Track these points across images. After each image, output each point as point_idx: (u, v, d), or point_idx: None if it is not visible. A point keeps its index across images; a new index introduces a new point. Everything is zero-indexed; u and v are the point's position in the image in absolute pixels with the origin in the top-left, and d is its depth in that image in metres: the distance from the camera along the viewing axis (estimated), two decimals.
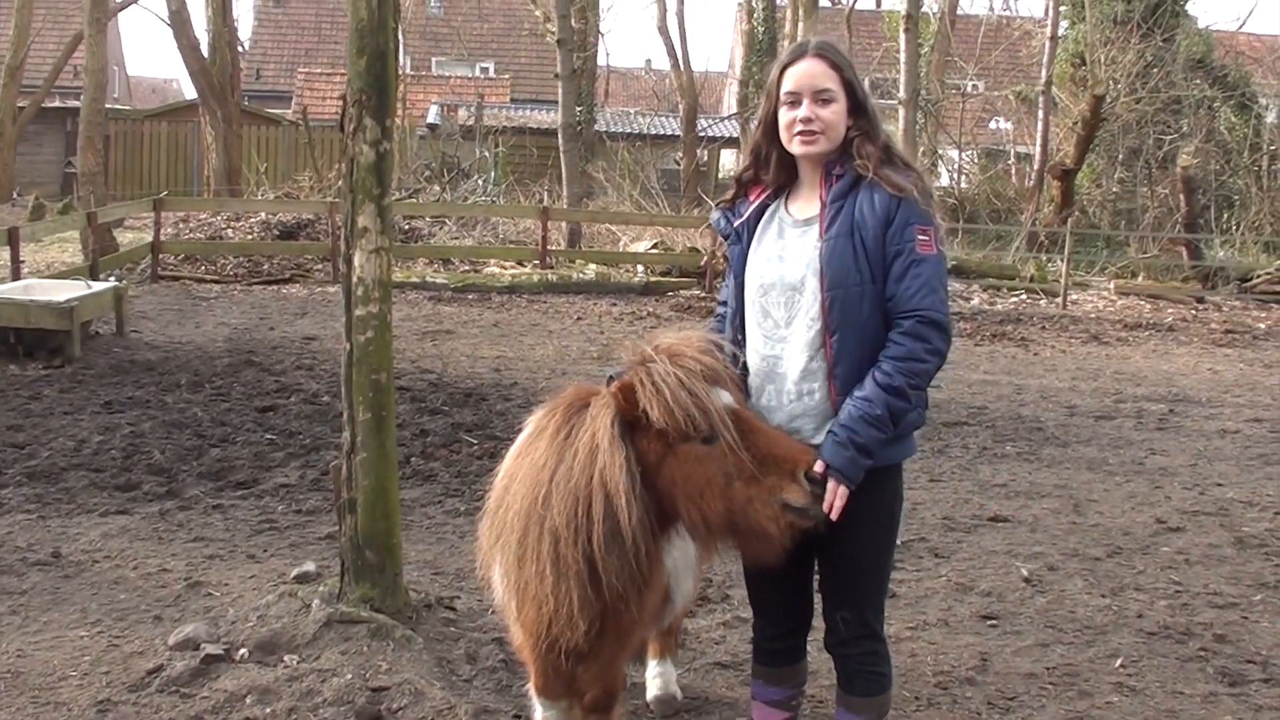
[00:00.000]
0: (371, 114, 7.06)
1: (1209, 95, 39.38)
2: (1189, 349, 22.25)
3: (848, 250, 4.92)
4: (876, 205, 4.93)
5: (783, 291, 5.06)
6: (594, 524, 4.79)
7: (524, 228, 31.17)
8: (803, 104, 5.00)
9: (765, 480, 4.70)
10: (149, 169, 46.49)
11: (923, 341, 4.89)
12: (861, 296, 4.92)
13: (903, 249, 4.90)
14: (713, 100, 63.02)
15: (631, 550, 4.79)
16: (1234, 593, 8.97)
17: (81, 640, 7.34)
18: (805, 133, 5.00)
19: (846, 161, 5.04)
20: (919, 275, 4.90)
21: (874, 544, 5.20)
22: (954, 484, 11.76)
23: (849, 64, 5.14)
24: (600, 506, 4.78)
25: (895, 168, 5.02)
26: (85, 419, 12.84)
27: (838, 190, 5.01)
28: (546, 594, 4.99)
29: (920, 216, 4.94)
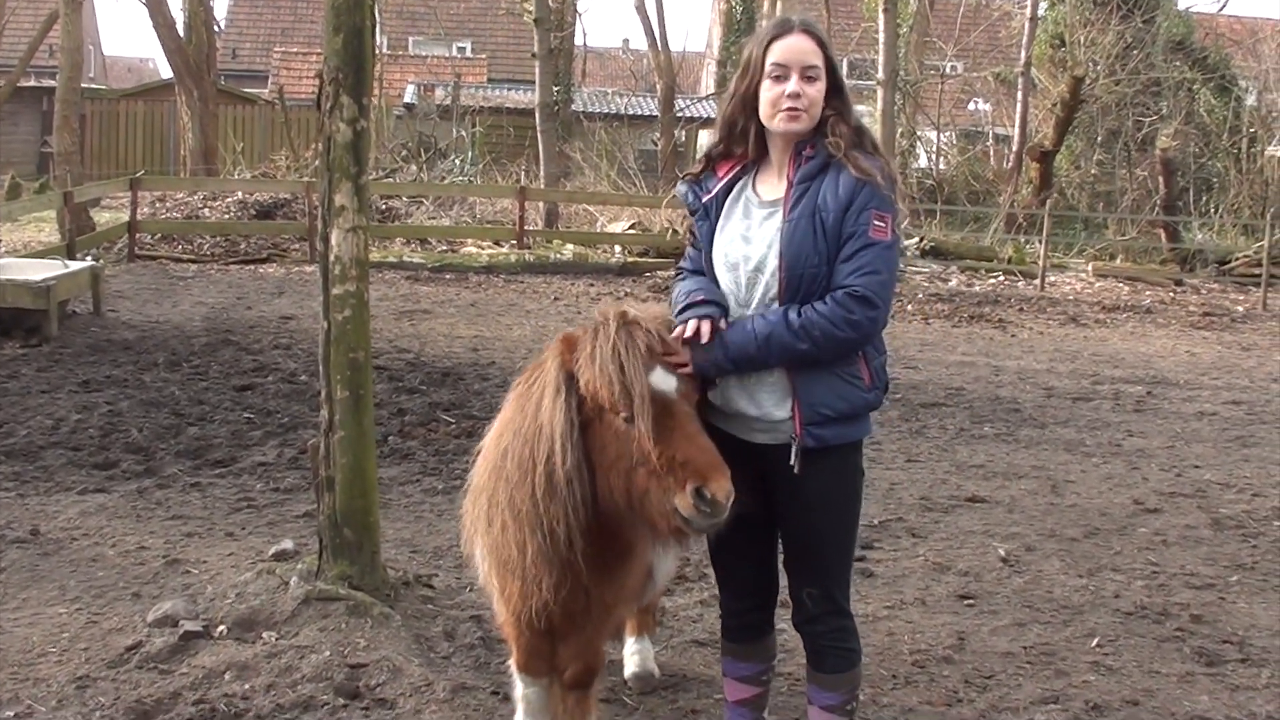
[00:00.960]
0: (348, 92, 7.05)
1: (1189, 77, 39.43)
2: (1167, 331, 22.32)
3: (808, 232, 4.92)
4: (840, 189, 4.92)
5: (745, 271, 5.07)
6: (537, 468, 4.85)
7: (501, 208, 31.16)
8: (791, 79, 4.98)
9: (664, 479, 4.68)
10: (125, 148, 46.34)
11: (844, 310, 4.87)
12: (817, 279, 4.92)
13: (856, 231, 4.90)
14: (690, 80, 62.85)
15: (567, 495, 4.81)
16: (1211, 573, 9.00)
17: (60, 617, 7.33)
18: (791, 109, 4.99)
19: (818, 142, 5.03)
20: (863, 257, 4.90)
21: (837, 521, 5.21)
22: (931, 464, 11.78)
23: (830, 44, 5.15)
24: (542, 450, 4.83)
25: (864, 151, 5.02)
26: (63, 398, 12.81)
27: (805, 171, 5.01)
28: (509, 544, 5.06)
29: (880, 202, 4.94)
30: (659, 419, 4.71)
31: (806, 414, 4.96)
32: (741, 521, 5.25)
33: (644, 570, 5.50)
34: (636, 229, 29.05)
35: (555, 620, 5.26)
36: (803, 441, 4.97)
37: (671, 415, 4.74)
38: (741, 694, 5.61)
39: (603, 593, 5.21)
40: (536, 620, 5.23)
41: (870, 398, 5.11)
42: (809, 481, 5.03)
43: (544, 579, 5.03)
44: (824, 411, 4.97)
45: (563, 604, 5.14)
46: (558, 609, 5.17)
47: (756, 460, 5.11)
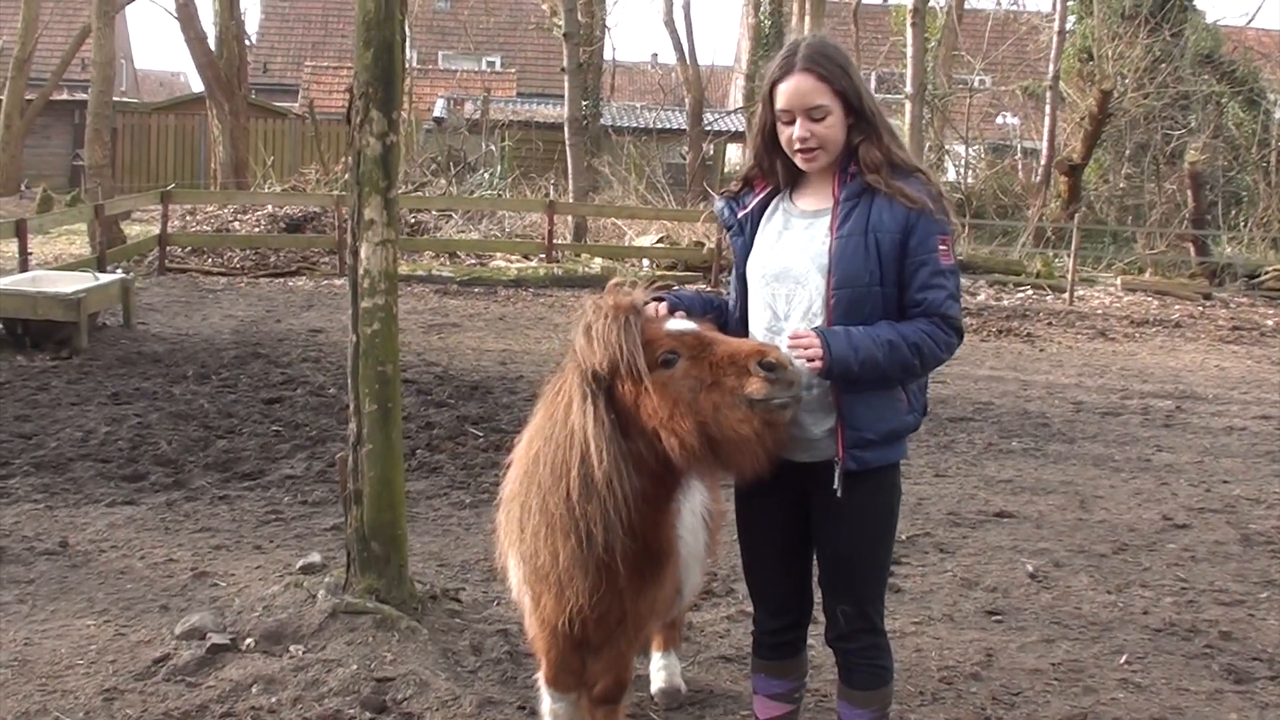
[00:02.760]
0: (378, 106, 7.07)
1: (1217, 91, 39.32)
2: (1196, 345, 22.23)
3: (860, 250, 4.90)
4: (895, 210, 4.92)
5: (784, 283, 5.05)
6: (571, 472, 4.85)
7: (530, 221, 31.19)
8: (797, 123, 4.98)
9: (725, 383, 4.70)
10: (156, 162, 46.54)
11: (945, 336, 4.93)
12: (868, 297, 4.92)
13: (927, 260, 4.91)
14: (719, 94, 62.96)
15: (608, 498, 4.81)
16: (1240, 590, 8.97)
17: (88, 629, 7.35)
18: (804, 150, 4.99)
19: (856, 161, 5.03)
20: (945, 286, 4.93)
21: (874, 539, 5.20)
22: (960, 479, 11.76)
23: (840, 70, 5.02)
24: (575, 453, 4.84)
25: (902, 174, 5.01)
26: (92, 410, 12.86)
27: (853, 189, 4.99)
28: (543, 551, 5.05)
29: (940, 226, 4.95)
30: (694, 350, 4.80)
31: (850, 437, 4.95)
32: (778, 540, 5.27)
33: (675, 582, 5.51)
34: (664, 243, 29.03)
35: (589, 632, 5.26)
36: (845, 465, 4.97)
37: (702, 341, 4.82)
38: (773, 711, 5.60)
39: (638, 603, 5.20)
40: (571, 630, 5.23)
41: (910, 420, 5.12)
42: (848, 501, 5.02)
43: (579, 585, 5.02)
44: (867, 435, 4.96)
45: (598, 615, 5.14)
46: (593, 620, 5.17)
47: (795, 478, 5.11)
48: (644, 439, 4.83)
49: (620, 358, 4.75)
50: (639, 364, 4.75)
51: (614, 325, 4.79)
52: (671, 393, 4.76)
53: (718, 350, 4.76)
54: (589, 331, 4.84)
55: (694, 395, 4.73)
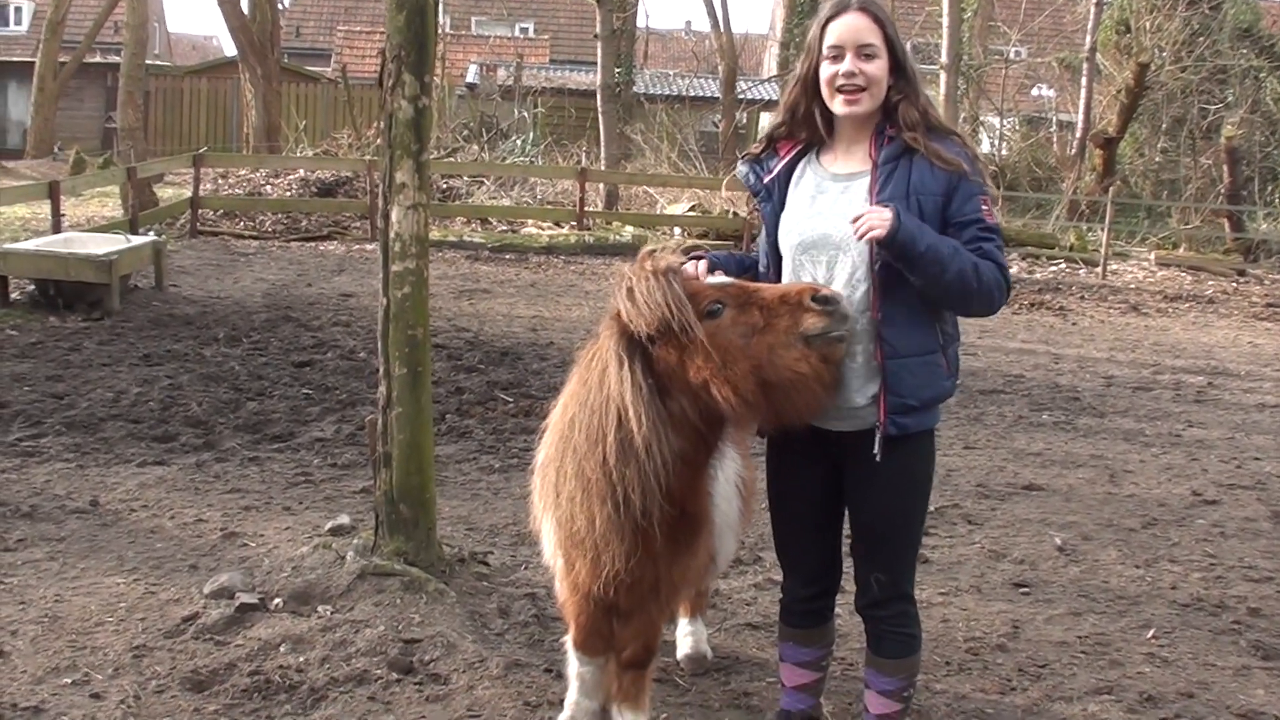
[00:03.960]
0: (410, 69, 7.07)
1: (1255, 65, 39.06)
2: (1229, 321, 22.14)
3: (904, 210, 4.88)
4: (936, 172, 4.91)
5: (824, 250, 5.02)
6: (608, 437, 4.85)
7: (562, 188, 31.13)
8: (846, 58, 4.96)
9: (778, 324, 4.72)
10: (189, 125, 46.58)
11: (998, 279, 4.92)
12: None
13: (975, 218, 4.92)
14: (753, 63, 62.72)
15: (646, 461, 4.81)
16: (1269, 567, 8.93)
17: (118, 587, 7.39)
18: (849, 88, 4.96)
19: (895, 124, 5.01)
20: (994, 239, 4.94)
21: (909, 506, 5.20)
22: (989, 452, 11.74)
23: (891, 21, 5.08)
24: (612, 419, 4.84)
25: (939, 136, 5.00)
26: (124, 371, 12.91)
27: (890, 152, 4.97)
28: (578, 516, 5.06)
29: (980, 187, 4.96)
30: (740, 299, 4.82)
31: (892, 403, 4.94)
32: (811, 508, 5.26)
33: (709, 550, 5.52)
34: (696, 211, 28.97)
35: (621, 598, 5.27)
36: (886, 430, 4.96)
37: (745, 289, 4.86)
38: (800, 679, 5.61)
39: (672, 570, 5.21)
40: (605, 594, 5.24)
41: (948, 386, 5.12)
42: (885, 467, 5.03)
43: (615, 550, 5.03)
44: (910, 401, 4.96)
45: (631, 581, 5.15)
46: (625, 586, 5.18)
47: (831, 447, 5.11)
48: (687, 397, 4.82)
49: (671, 315, 4.74)
50: (689, 318, 4.74)
51: (658, 285, 4.77)
52: (722, 341, 4.75)
53: (765, 294, 4.79)
54: (633, 295, 4.82)
55: (746, 341, 4.74)
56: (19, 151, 42.36)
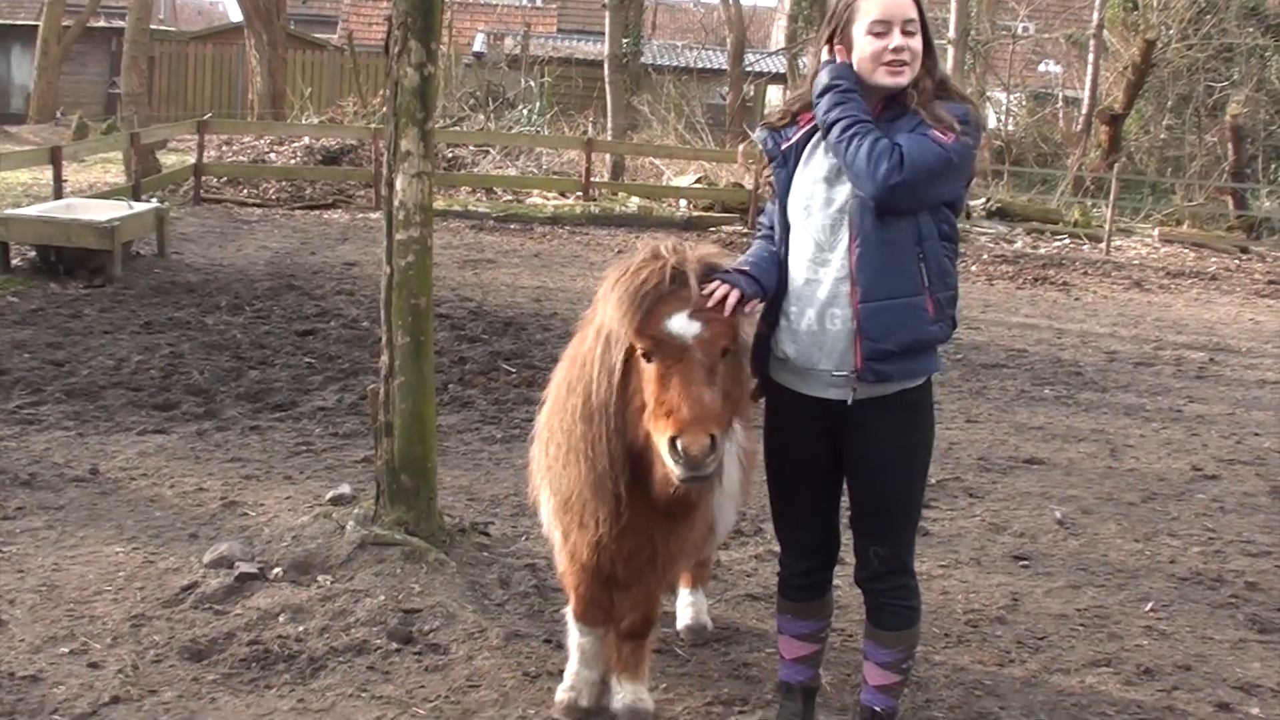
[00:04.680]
0: (416, 36, 7.06)
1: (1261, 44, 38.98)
2: (1231, 298, 22.15)
3: None
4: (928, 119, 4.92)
5: (828, 214, 5.03)
6: (574, 394, 4.98)
7: (568, 159, 31.05)
8: (894, 33, 4.96)
9: (659, 423, 4.68)
10: (193, 91, 46.43)
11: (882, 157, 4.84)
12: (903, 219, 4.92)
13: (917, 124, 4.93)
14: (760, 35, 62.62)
15: (601, 426, 4.88)
16: (1267, 541, 8.96)
17: (117, 556, 7.40)
18: (895, 63, 4.96)
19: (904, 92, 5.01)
20: (919, 135, 4.88)
21: (907, 474, 5.20)
22: (991, 425, 11.75)
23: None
24: (582, 380, 4.97)
25: (949, 98, 5.01)
26: (125, 338, 12.91)
27: (891, 113, 5.00)
28: (563, 474, 5.16)
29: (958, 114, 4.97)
30: (667, 363, 4.70)
31: (867, 349, 4.92)
32: (808, 480, 5.27)
33: (707, 522, 5.52)
34: (702, 183, 28.95)
35: (619, 569, 5.30)
36: (864, 375, 4.95)
37: (681, 361, 4.70)
38: (799, 651, 5.62)
39: (668, 543, 5.24)
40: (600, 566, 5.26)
41: (935, 330, 5.04)
42: (880, 431, 5.03)
43: (597, 514, 5.09)
44: (885, 345, 4.92)
45: (628, 553, 5.18)
46: (622, 558, 5.20)
47: (830, 416, 5.11)
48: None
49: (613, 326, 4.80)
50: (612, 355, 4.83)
51: (625, 297, 4.76)
52: (638, 384, 4.80)
53: (671, 389, 4.67)
54: (608, 291, 4.87)
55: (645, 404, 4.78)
56: (22, 116, 42.20)
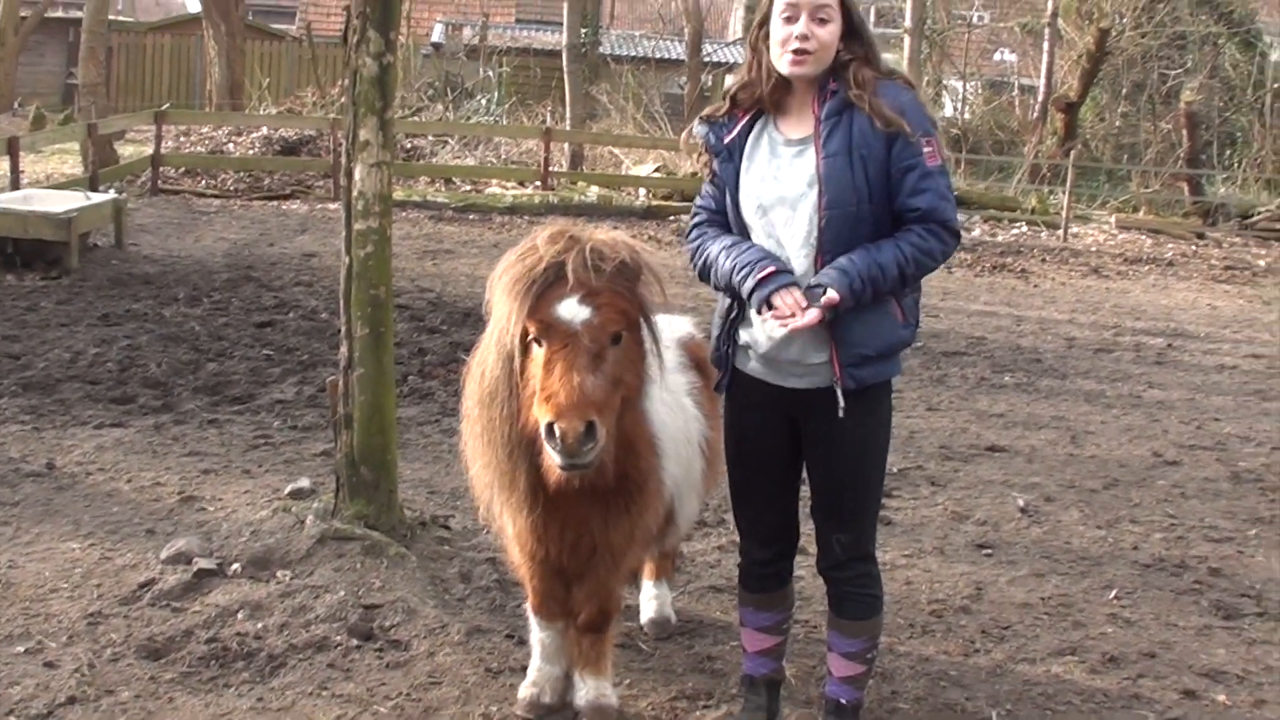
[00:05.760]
0: (375, 26, 7.03)
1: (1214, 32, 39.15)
2: (1189, 284, 22.23)
3: (846, 168, 4.87)
4: (879, 123, 4.87)
5: (780, 210, 5.00)
6: (476, 378, 5.12)
7: (526, 149, 31.02)
8: (800, 19, 4.93)
9: (541, 408, 4.67)
10: (151, 81, 46.13)
11: (941, 243, 4.92)
12: (859, 218, 4.89)
13: (914, 163, 4.87)
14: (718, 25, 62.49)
15: (494, 406, 4.95)
16: (1229, 527, 8.98)
17: (73, 552, 7.33)
18: (799, 51, 4.92)
19: (840, 80, 4.97)
20: (936, 187, 4.90)
21: (870, 463, 5.20)
22: (952, 413, 11.75)
23: None
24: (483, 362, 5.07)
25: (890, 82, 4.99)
26: (82, 331, 12.82)
27: (832, 106, 4.94)
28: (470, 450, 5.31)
29: (923, 127, 4.92)
30: (553, 348, 4.68)
31: (845, 356, 4.91)
32: (767, 468, 5.25)
33: (658, 513, 5.48)
34: (661, 172, 28.96)
35: (566, 560, 5.26)
36: (844, 383, 4.93)
37: (566, 346, 4.68)
38: (761, 644, 5.60)
39: (609, 532, 5.19)
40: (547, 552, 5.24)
41: (905, 334, 5.09)
42: (846, 423, 5.00)
43: (511, 499, 5.13)
44: (862, 351, 4.93)
45: (570, 543, 5.15)
46: (566, 548, 5.18)
47: (787, 404, 5.10)
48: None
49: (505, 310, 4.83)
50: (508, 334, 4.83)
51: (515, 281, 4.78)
52: (530, 370, 4.78)
53: (553, 374, 4.66)
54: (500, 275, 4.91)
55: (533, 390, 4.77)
56: None
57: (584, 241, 4.79)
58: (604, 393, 4.66)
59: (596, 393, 4.62)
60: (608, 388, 4.69)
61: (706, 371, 5.80)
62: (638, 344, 4.95)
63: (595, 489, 4.95)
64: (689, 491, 5.71)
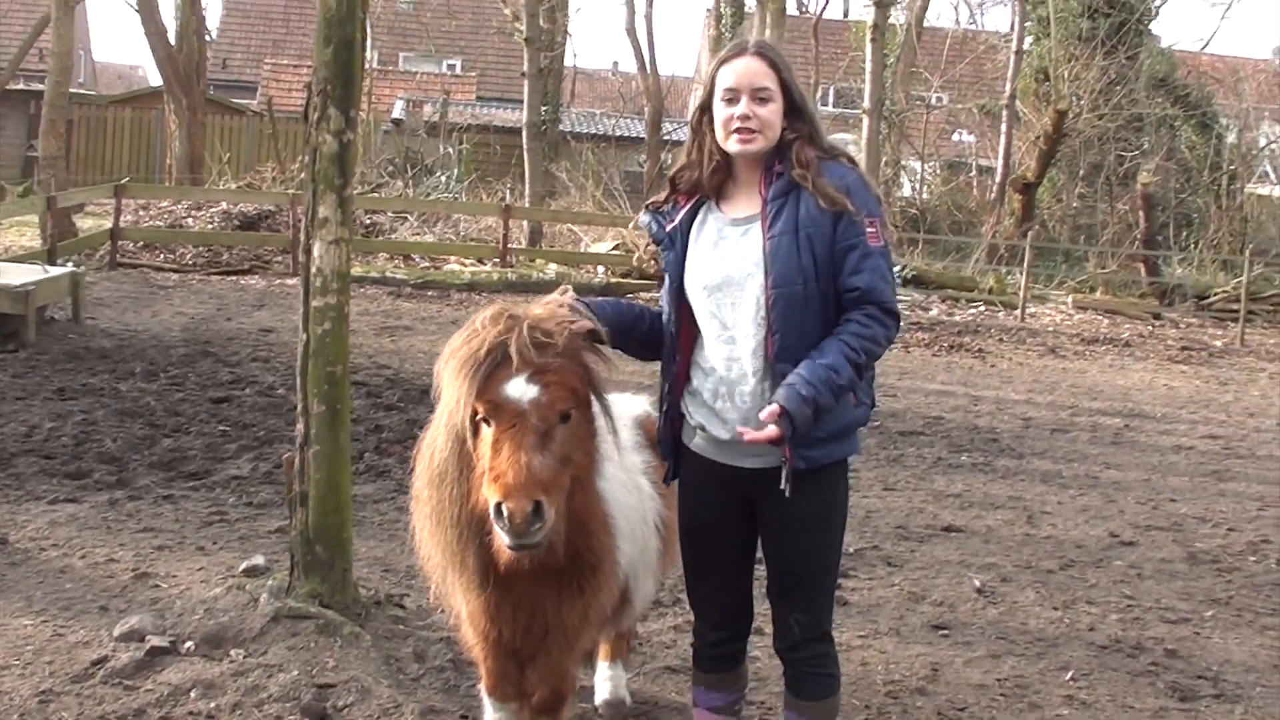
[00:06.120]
0: (336, 104, 7.04)
1: (1171, 114, 39.68)
2: (1145, 364, 22.36)
3: (793, 248, 4.90)
4: (823, 202, 4.91)
5: (728, 292, 5.02)
6: (426, 458, 5.04)
7: (486, 225, 31.10)
8: (741, 101, 4.98)
9: (489, 488, 4.64)
10: (112, 155, 46.17)
11: (884, 328, 4.94)
12: (806, 296, 4.91)
13: (855, 243, 4.91)
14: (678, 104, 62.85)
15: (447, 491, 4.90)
16: (1186, 608, 8.99)
17: (25, 629, 7.26)
18: (743, 130, 4.98)
19: (785, 160, 5.02)
20: (876, 269, 4.93)
21: (826, 542, 5.19)
22: (908, 493, 11.76)
23: (787, 65, 5.12)
24: (432, 443, 5.00)
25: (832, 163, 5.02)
26: (37, 405, 12.75)
27: (779, 187, 4.98)
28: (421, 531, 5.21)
29: (868, 207, 4.95)
30: (501, 427, 4.66)
31: (796, 438, 4.91)
32: (722, 549, 5.24)
33: (613, 593, 5.44)
34: (620, 250, 29.02)
35: (519, 640, 5.22)
36: (793, 464, 4.93)
37: (514, 426, 4.66)
38: None
39: (562, 613, 5.14)
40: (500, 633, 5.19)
41: (859, 414, 5.11)
42: (801, 503, 5.00)
43: (459, 579, 5.10)
44: (815, 434, 4.92)
45: (524, 624, 5.12)
46: (519, 628, 5.14)
47: (742, 485, 5.10)
48: None
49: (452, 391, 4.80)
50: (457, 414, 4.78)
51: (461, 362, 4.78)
52: (479, 449, 4.76)
53: (501, 454, 4.63)
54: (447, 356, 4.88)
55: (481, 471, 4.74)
56: None
57: (523, 319, 4.79)
58: (552, 472, 4.64)
59: (544, 472, 4.60)
60: (556, 467, 4.66)
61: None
62: (587, 421, 4.93)
63: (547, 569, 4.92)
64: (645, 571, 5.68)
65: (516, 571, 4.87)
